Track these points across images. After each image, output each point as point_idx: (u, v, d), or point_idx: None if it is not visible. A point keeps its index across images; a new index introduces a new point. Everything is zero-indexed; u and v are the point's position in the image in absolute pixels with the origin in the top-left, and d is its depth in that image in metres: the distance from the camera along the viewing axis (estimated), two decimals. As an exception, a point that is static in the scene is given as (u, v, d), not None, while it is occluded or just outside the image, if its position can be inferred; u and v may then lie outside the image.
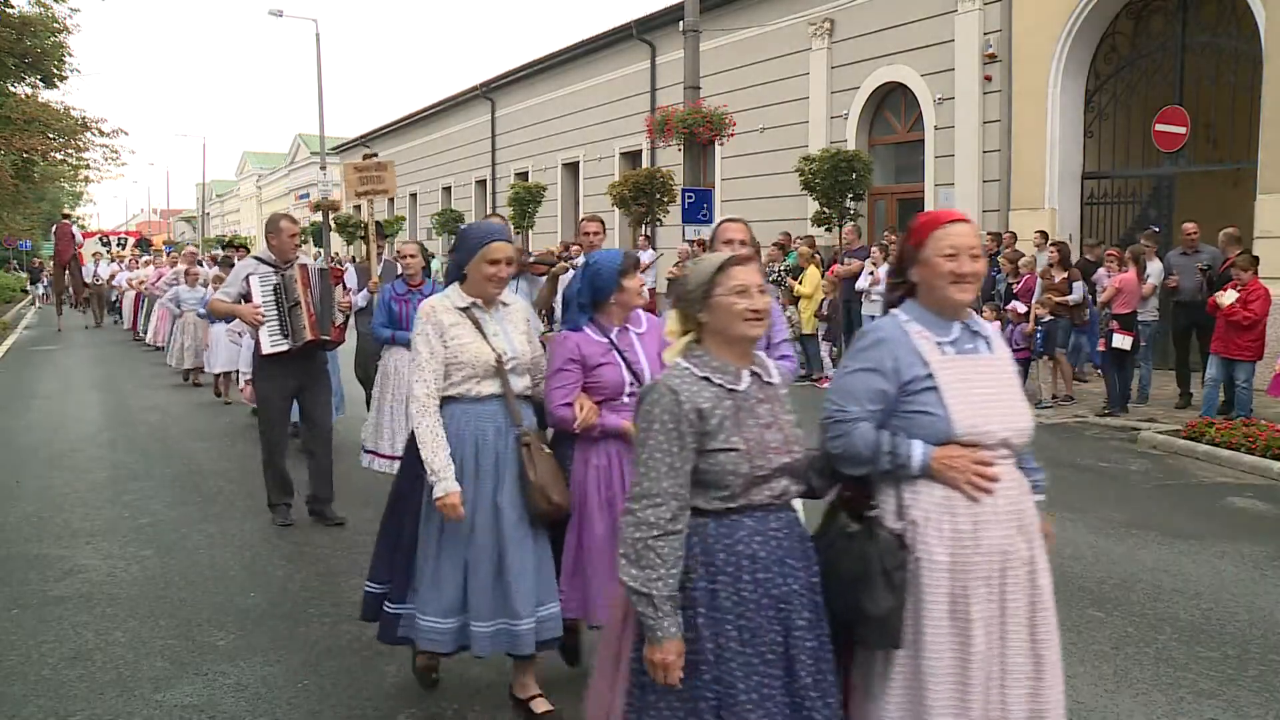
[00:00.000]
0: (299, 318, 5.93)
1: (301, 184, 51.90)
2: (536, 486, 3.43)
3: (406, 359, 6.00)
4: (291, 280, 5.96)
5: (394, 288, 6.42)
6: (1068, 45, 14.07)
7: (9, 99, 24.58)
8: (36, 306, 32.27)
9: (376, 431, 6.49)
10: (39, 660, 4.26)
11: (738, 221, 4.01)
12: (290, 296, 5.93)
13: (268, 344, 5.91)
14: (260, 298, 5.90)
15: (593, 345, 3.56)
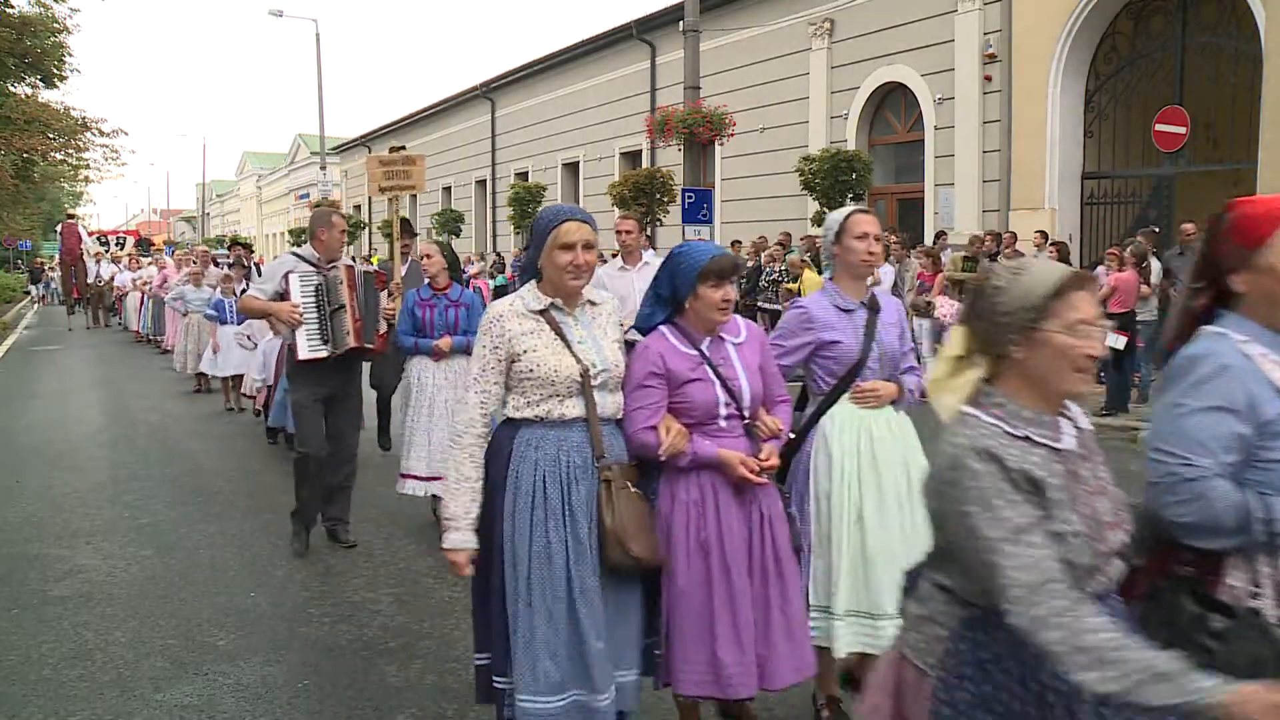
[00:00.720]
0: (341, 323, 5.44)
1: (301, 184, 51.90)
2: (612, 534, 2.81)
3: (433, 370, 5.93)
4: (336, 282, 5.47)
5: (419, 293, 5.98)
6: (1068, 45, 14.07)
7: (9, 99, 24.59)
8: (37, 307, 32.25)
9: (408, 451, 6.01)
10: (39, 660, 4.26)
11: (868, 213, 3.50)
12: (334, 299, 5.44)
13: (305, 348, 5.39)
14: (300, 299, 5.38)
15: (680, 358, 2.99)
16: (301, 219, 45.48)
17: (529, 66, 28.21)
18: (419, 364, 5.99)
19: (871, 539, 3.27)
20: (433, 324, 5.86)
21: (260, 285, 5.58)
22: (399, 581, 5.22)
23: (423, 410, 5.92)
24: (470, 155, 32.91)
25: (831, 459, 3.35)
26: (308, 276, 5.46)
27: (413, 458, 5.93)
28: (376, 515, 6.55)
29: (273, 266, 5.75)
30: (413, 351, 5.97)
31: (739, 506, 3.00)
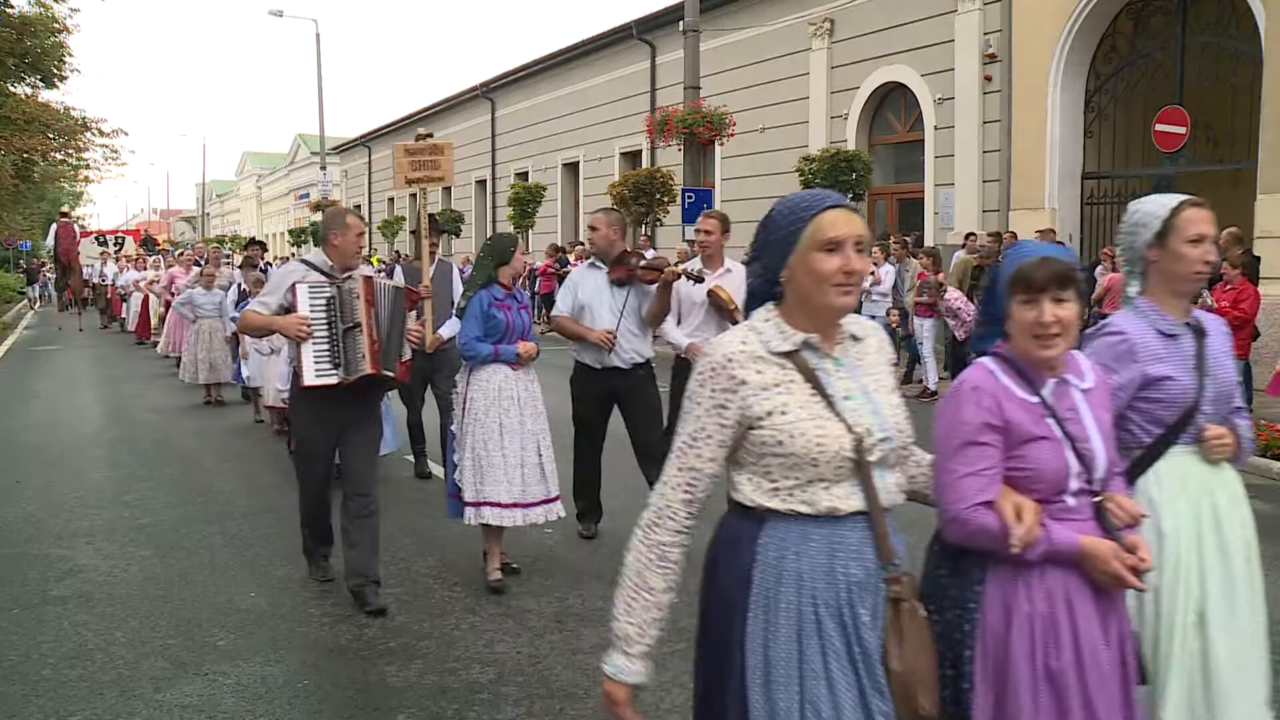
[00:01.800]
0: (356, 344, 4.65)
1: (301, 184, 51.91)
2: (899, 679, 1.96)
3: (515, 381, 5.08)
4: (351, 295, 4.69)
5: (491, 293, 5.10)
6: (1068, 45, 14.07)
7: (9, 99, 24.59)
8: (35, 309, 32.18)
9: (478, 475, 5.02)
10: (39, 660, 4.26)
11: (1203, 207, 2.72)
12: (348, 316, 4.66)
13: (311, 373, 4.59)
14: (308, 314, 4.62)
15: (1019, 406, 2.14)
16: (302, 219, 45.52)
17: (529, 66, 28.22)
18: (491, 374, 5.06)
19: (1218, 647, 2.53)
20: (513, 327, 5.10)
21: (263, 298, 4.87)
22: (399, 581, 5.22)
23: (498, 428, 5.00)
24: (470, 155, 32.91)
25: (1164, 538, 2.57)
26: (318, 288, 4.69)
27: (488, 481, 4.97)
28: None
29: (278, 275, 5.04)
30: (492, 360, 5.05)
31: (1100, 621, 2.13)
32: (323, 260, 4.86)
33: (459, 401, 5.15)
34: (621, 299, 5.61)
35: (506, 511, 4.99)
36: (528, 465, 5.04)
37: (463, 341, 5.08)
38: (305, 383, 4.65)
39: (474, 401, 5.05)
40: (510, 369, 5.08)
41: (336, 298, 4.70)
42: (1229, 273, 9.22)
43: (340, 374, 4.66)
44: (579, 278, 5.85)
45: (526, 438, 5.05)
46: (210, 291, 11.48)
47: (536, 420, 5.14)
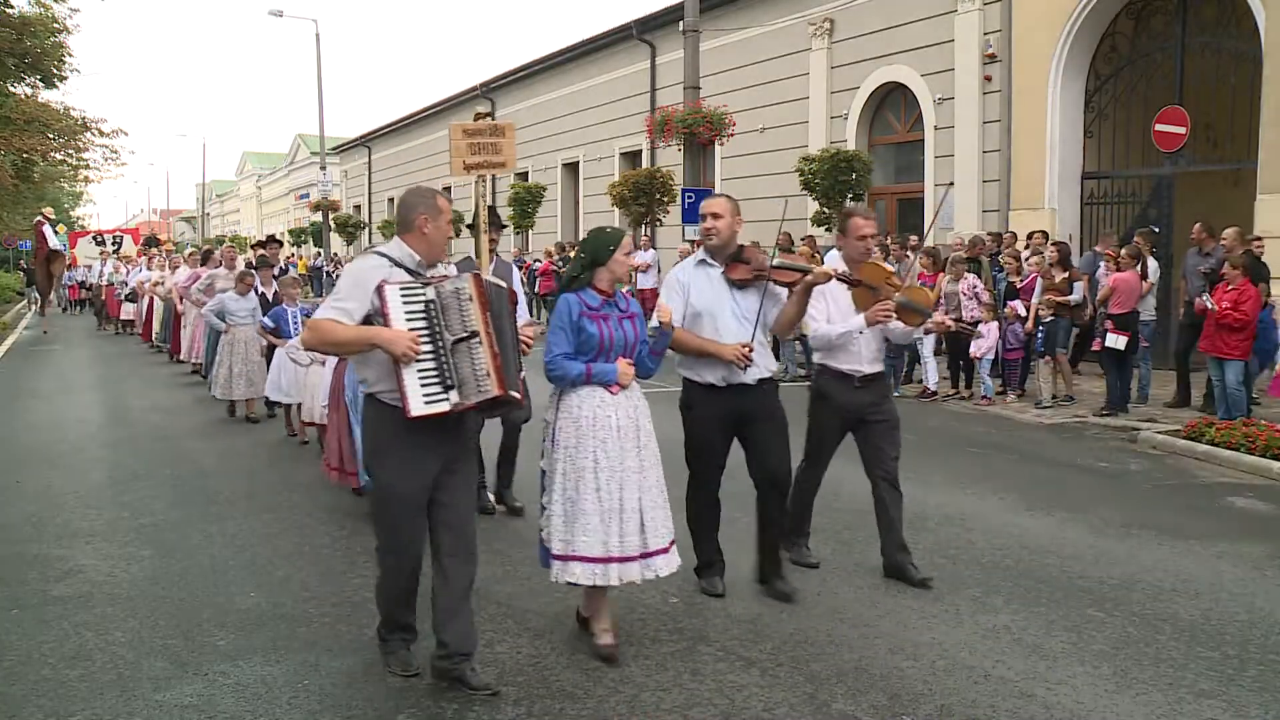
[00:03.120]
0: (472, 359, 3.69)
1: (301, 184, 51.93)
2: None
3: (614, 407, 4.15)
4: (458, 297, 3.73)
5: (583, 299, 4.18)
6: (1068, 45, 14.08)
7: (9, 99, 24.59)
8: (33, 310, 32.12)
9: (569, 522, 4.10)
10: (39, 660, 4.26)
11: None
12: (455, 323, 3.71)
13: (419, 399, 3.62)
14: (404, 324, 3.66)
15: None
16: (302, 219, 45.45)
17: (529, 66, 28.23)
18: (584, 400, 4.14)
19: None
20: (612, 341, 4.17)
21: (339, 303, 3.76)
22: (399, 581, 5.21)
23: (592, 465, 4.09)
24: (470, 155, 32.90)
25: None
26: (412, 290, 3.72)
27: (579, 530, 4.09)
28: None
29: (356, 272, 3.89)
30: (583, 381, 4.14)
31: None
32: (406, 254, 3.85)
33: (546, 433, 4.26)
34: (749, 304, 4.73)
35: (599, 568, 4.07)
36: (627, 511, 4.11)
37: (548, 359, 4.16)
38: (413, 412, 3.58)
39: (563, 433, 4.16)
40: (607, 393, 4.16)
41: (436, 302, 3.70)
42: (1230, 273, 9.20)
43: (455, 398, 3.67)
44: (686, 278, 4.83)
45: (628, 477, 4.13)
46: (245, 298, 10.40)
47: (642, 455, 4.17)
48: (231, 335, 10.21)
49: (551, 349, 4.16)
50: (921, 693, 3.87)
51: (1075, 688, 3.92)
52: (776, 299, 4.80)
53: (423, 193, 3.99)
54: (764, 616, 4.64)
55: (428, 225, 3.87)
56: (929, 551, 5.57)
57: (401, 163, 39.27)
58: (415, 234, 3.88)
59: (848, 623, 4.61)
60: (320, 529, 6.23)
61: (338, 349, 4.12)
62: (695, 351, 4.71)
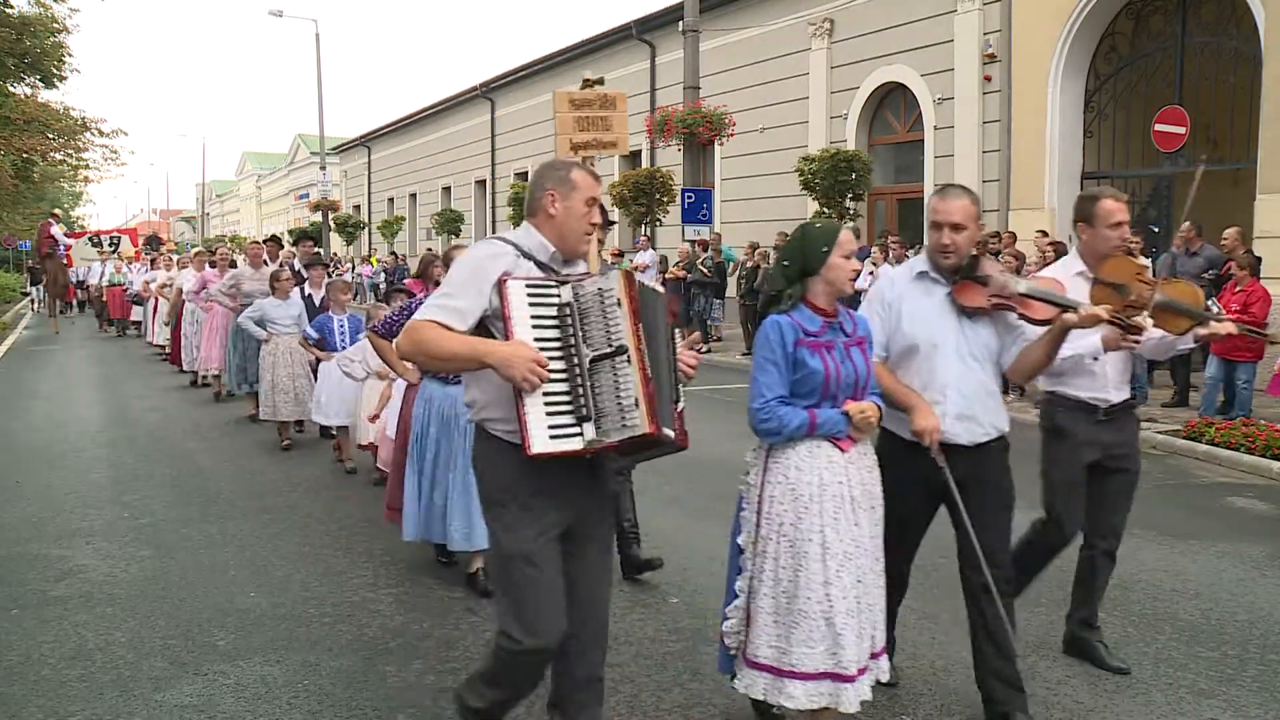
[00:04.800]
0: (617, 383, 2.79)
1: (301, 184, 51.94)
2: None
3: (842, 468, 3.14)
4: (601, 301, 2.82)
5: (798, 322, 3.15)
6: (1068, 45, 14.08)
7: (9, 99, 24.58)
8: (35, 310, 32.10)
9: (785, 628, 3.12)
10: (39, 660, 4.26)
11: None
12: (596, 335, 2.82)
13: (542, 432, 2.75)
14: (528, 332, 2.78)
15: None
16: (301, 219, 45.42)
17: (529, 66, 28.25)
18: (805, 460, 3.13)
19: None
20: (839, 378, 3.14)
21: (448, 300, 2.86)
22: (399, 581, 5.22)
23: (819, 548, 3.09)
24: (470, 155, 32.94)
25: None
26: (542, 290, 2.84)
27: (797, 638, 3.09)
28: (376, 516, 6.54)
29: (472, 262, 2.94)
30: (802, 436, 3.13)
31: None
32: (537, 243, 2.95)
33: (747, 502, 3.25)
34: (981, 339, 3.51)
35: (826, 686, 3.08)
36: (863, 609, 3.13)
37: (758, 405, 3.13)
38: (533, 449, 2.72)
39: (775, 506, 3.14)
40: (835, 450, 3.14)
41: (573, 306, 2.82)
42: (1238, 274, 9.18)
43: (591, 433, 2.77)
44: (896, 295, 3.57)
45: (864, 564, 3.14)
46: (288, 302, 9.08)
47: (875, 531, 3.24)
48: (274, 346, 8.93)
49: (761, 391, 3.12)
50: (921, 693, 3.87)
51: (1075, 687, 3.92)
52: (1016, 334, 3.55)
53: (554, 163, 3.10)
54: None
55: (556, 204, 2.95)
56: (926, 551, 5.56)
57: (401, 163, 39.28)
58: (542, 216, 2.97)
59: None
60: (320, 529, 6.23)
61: (441, 363, 2.95)
62: (897, 404, 3.44)
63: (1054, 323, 3.44)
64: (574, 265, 3.04)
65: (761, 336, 3.18)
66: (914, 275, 3.58)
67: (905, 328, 3.51)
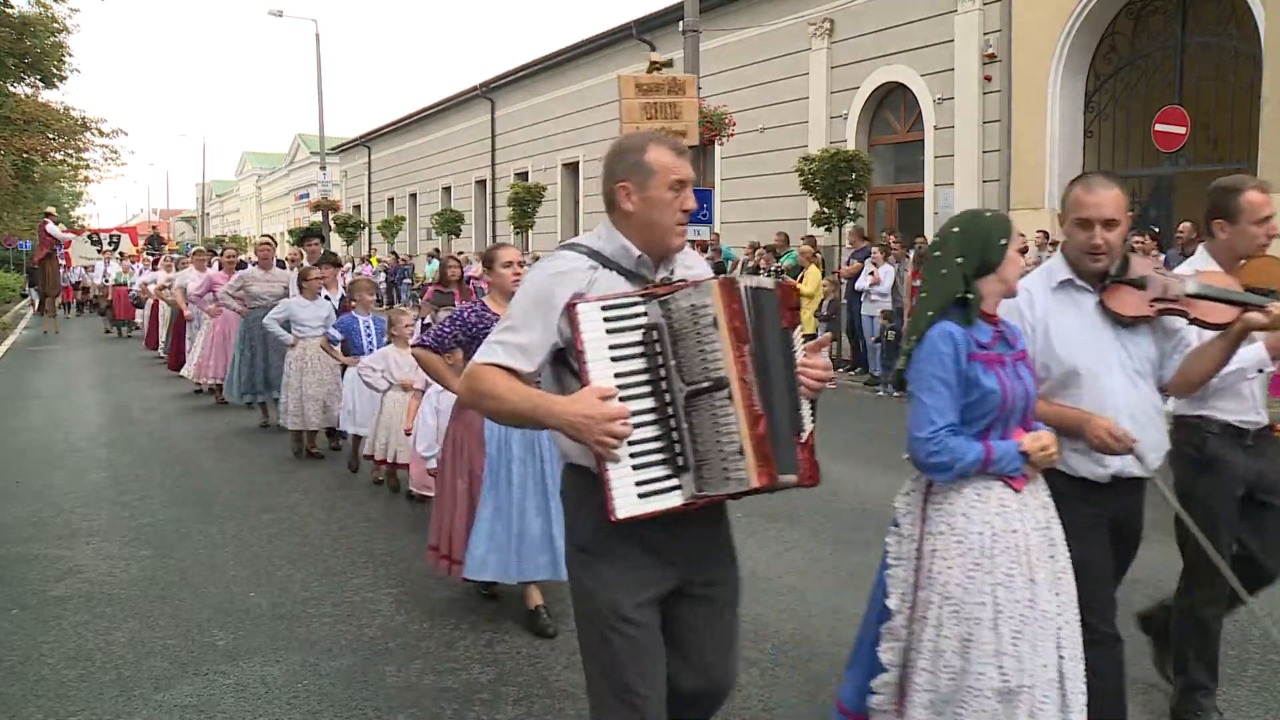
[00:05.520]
0: (717, 424, 2.28)
1: (301, 184, 51.93)
2: None
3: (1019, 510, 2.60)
4: (697, 320, 2.29)
5: (970, 332, 2.61)
6: (1067, 45, 14.08)
7: (9, 99, 24.59)
8: (35, 312, 32.03)
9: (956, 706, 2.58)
10: (39, 660, 4.26)
11: None
12: (701, 363, 2.28)
13: (627, 492, 2.25)
14: (607, 366, 2.26)
15: None
16: (301, 219, 45.46)
17: (529, 66, 28.23)
18: (977, 500, 2.60)
19: None
20: (1013, 400, 2.61)
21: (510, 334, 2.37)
22: (399, 581, 5.22)
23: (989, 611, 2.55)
24: (470, 155, 32.93)
25: None
26: (620, 310, 2.28)
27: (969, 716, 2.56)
28: (377, 516, 6.55)
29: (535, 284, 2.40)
30: (974, 472, 2.58)
31: None
32: (619, 247, 2.38)
33: (900, 556, 2.69)
34: (1143, 350, 2.98)
35: None
36: (1047, 680, 2.55)
37: (925, 435, 2.54)
38: (619, 513, 2.22)
39: (938, 559, 2.59)
40: (1008, 489, 2.60)
41: (662, 328, 2.26)
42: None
43: (690, 487, 2.26)
44: (1038, 312, 2.95)
45: (1044, 627, 2.57)
46: (316, 303, 8.41)
47: (1060, 585, 2.64)
48: (302, 350, 8.30)
49: (931, 417, 2.55)
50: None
51: (1075, 688, 3.92)
52: (1176, 340, 3.03)
53: (625, 145, 2.42)
54: (764, 616, 4.64)
55: (632, 198, 2.35)
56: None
57: (401, 163, 39.27)
58: (620, 214, 2.39)
59: (848, 623, 4.60)
60: (320, 529, 6.23)
61: (504, 421, 2.44)
62: (1056, 425, 2.83)
63: (1233, 325, 2.88)
64: (671, 265, 2.44)
65: (930, 350, 2.58)
66: (1054, 285, 2.98)
67: (1059, 350, 2.91)
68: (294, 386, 8.31)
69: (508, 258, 4.65)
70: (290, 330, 8.37)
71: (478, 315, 4.55)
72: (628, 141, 2.44)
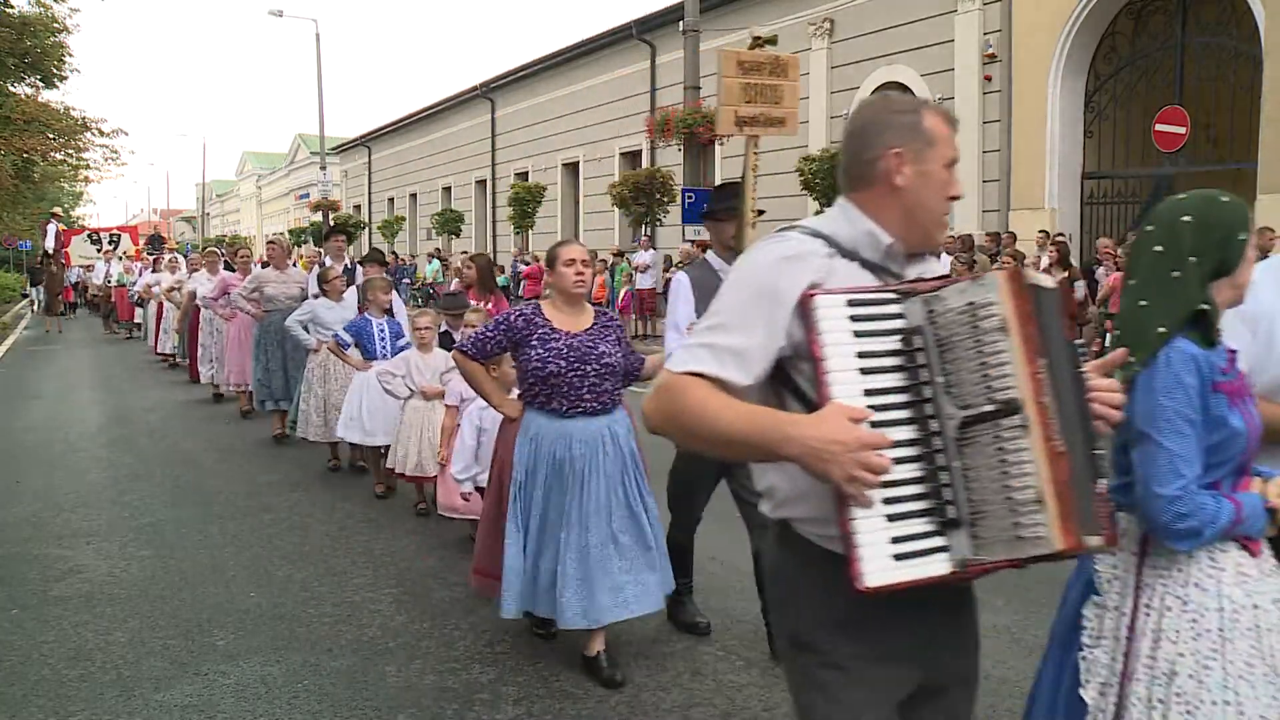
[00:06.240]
0: (1006, 463, 1.65)
1: (301, 184, 51.91)
2: None
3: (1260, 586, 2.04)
4: (975, 321, 1.68)
5: (1210, 356, 2.03)
6: (1068, 45, 14.08)
7: (9, 99, 24.60)
8: (35, 312, 31.99)
9: None
10: (39, 660, 4.26)
11: None
12: (983, 381, 1.66)
13: (880, 555, 1.63)
14: (855, 379, 1.68)
15: None
16: (301, 219, 45.50)
17: (529, 66, 28.25)
18: (1203, 576, 2.03)
19: None
20: (1250, 437, 2.07)
21: (718, 334, 1.77)
22: (399, 581, 5.22)
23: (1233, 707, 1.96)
24: (470, 155, 32.94)
25: None
26: (873, 305, 1.74)
27: None
28: (376, 516, 6.55)
29: (753, 270, 1.81)
30: (1220, 536, 2.01)
31: None
32: (864, 232, 1.86)
33: (1105, 634, 2.14)
34: None
35: None
36: None
37: (1171, 493, 1.97)
38: (868, 581, 1.63)
39: (1164, 642, 2.04)
40: (1244, 551, 2.05)
41: (926, 334, 1.73)
42: None
43: (964, 548, 1.70)
44: (1259, 305, 2.35)
45: None
46: (341, 304, 7.84)
47: None
48: (325, 355, 7.67)
49: (1177, 468, 1.97)
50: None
51: (1075, 688, 3.92)
52: None
53: (890, 102, 1.92)
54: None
55: (905, 169, 1.83)
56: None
57: (402, 163, 39.28)
58: (880, 190, 1.85)
59: (847, 623, 4.60)
60: (320, 529, 6.23)
61: (712, 448, 1.77)
62: None
63: None
64: (922, 263, 1.93)
65: (1172, 381, 1.98)
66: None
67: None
68: (316, 394, 7.72)
69: (570, 255, 4.05)
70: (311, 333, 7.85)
71: (525, 320, 3.99)
72: (895, 102, 1.93)
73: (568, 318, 4.03)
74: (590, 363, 3.94)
